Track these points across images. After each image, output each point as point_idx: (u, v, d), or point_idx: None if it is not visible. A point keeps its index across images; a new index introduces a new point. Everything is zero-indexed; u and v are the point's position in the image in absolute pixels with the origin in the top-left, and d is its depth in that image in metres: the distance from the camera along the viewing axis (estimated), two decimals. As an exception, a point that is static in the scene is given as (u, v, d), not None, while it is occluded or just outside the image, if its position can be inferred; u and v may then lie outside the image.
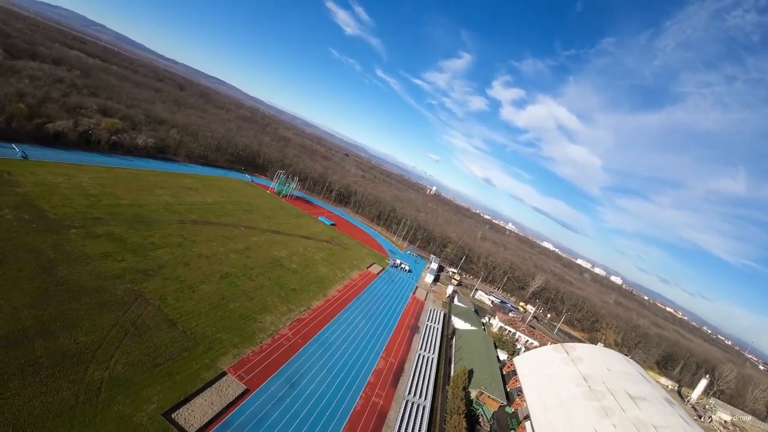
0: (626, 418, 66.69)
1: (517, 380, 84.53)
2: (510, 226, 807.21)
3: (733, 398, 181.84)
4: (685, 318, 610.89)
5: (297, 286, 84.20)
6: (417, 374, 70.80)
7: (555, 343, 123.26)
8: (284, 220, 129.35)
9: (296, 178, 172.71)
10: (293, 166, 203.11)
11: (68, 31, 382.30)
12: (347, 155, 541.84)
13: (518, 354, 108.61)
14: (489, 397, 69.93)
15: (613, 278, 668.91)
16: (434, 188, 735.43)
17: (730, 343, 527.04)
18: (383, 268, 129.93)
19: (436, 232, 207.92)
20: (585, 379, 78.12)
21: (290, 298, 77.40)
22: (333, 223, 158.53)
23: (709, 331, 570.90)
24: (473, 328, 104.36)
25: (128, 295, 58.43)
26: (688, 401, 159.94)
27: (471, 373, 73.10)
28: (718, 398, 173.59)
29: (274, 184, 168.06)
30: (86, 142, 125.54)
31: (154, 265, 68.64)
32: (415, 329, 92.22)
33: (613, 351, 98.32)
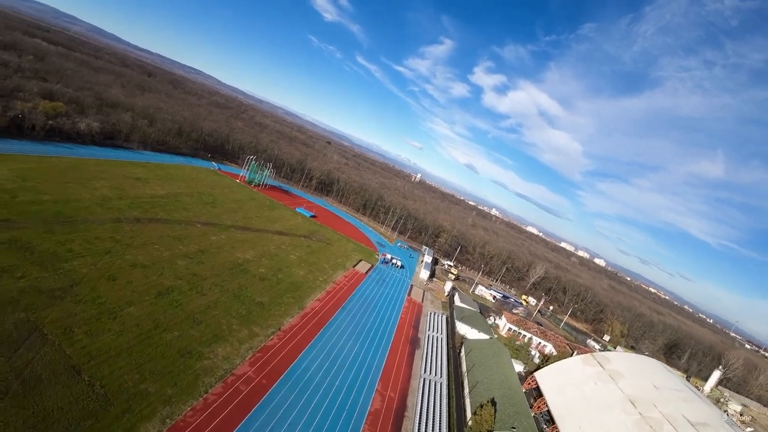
0: (698, 460, 51.43)
1: (543, 403, 68.78)
2: (494, 212, 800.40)
3: (740, 385, 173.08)
4: (667, 298, 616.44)
5: (265, 298, 65.81)
6: (424, 412, 53.84)
7: (571, 344, 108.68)
8: (254, 214, 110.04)
9: (270, 165, 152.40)
10: (268, 151, 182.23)
11: (33, 21, 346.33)
12: (329, 143, 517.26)
13: (533, 361, 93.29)
14: (520, 439, 53.58)
15: (596, 261, 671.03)
16: (419, 175, 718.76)
17: (711, 321, 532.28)
18: (372, 266, 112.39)
19: (428, 221, 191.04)
20: (632, 403, 62.60)
21: (254, 317, 59.11)
22: (313, 214, 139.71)
23: (691, 310, 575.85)
24: (482, 335, 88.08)
25: (19, 329, 40.19)
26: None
27: (493, 404, 56.62)
28: (725, 386, 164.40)
29: (244, 173, 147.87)
30: (18, 129, 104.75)
31: (65, 281, 49.71)
32: (415, 342, 75.28)
33: (650, 359, 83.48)
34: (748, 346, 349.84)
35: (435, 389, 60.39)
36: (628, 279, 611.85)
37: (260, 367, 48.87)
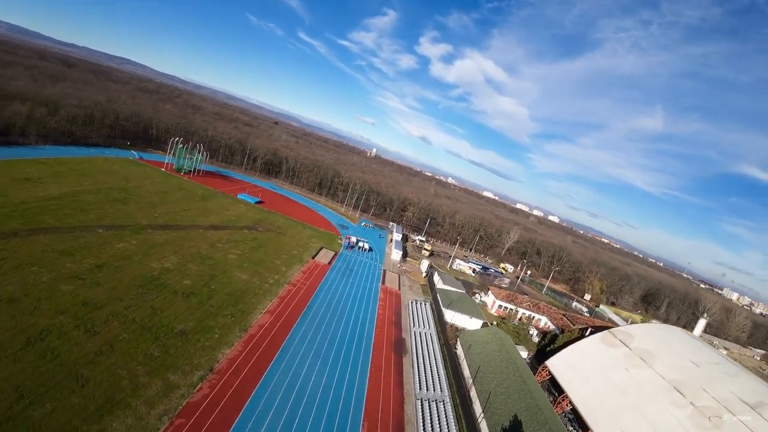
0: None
1: (566, 401, 55.82)
2: (451, 181, 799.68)
3: (719, 329, 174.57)
4: (619, 246, 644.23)
5: (189, 323, 46.84)
6: (431, 456, 38.44)
7: (567, 314, 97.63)
8: (181, 207, 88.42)
9: (201, 147, 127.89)
10: (200, 132, 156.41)
11: None
12: (277, 123, 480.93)
13: (532, 340, 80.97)
14: (564, 474, 39.65)
15: (550, 218, 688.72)
16: (374, 150, 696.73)
17: (662, 265, 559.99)
18: (336, 253, 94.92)
19: (391, 195, 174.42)
20: (679, 391, 50.42)
21: (173, 358, 40.41)
22: (259, 200, 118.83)
23: (641, 256, 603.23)
24: (475, 321, 74.30)
25: None
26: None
27: (517, 424, 42.30)
28: (706, 332, 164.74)
29: (170, 159, 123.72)
30: None
31: None
32: (400, 347, 59.48)
33: (670, 327, 73.16)
34: (702, 286, 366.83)
35: (438, 413, 45.07)
36: (581, 232, 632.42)
37: (177, 445, 30.92)
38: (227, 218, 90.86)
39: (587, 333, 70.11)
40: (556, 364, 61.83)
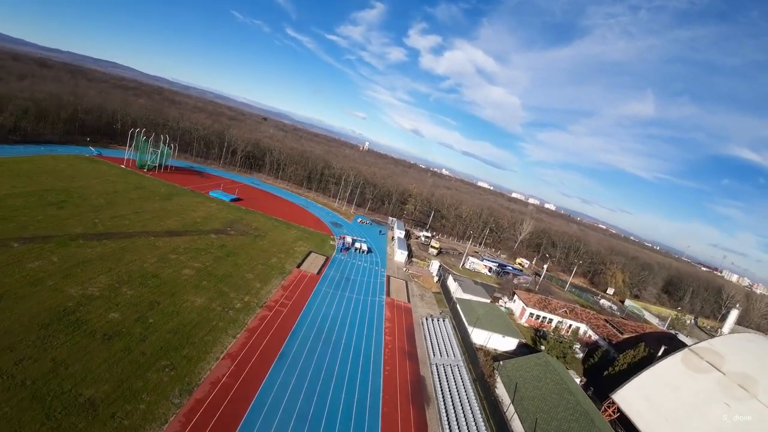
0: None
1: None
2: (444, 172, 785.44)
3: (743, 317, 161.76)
4: (615, 232, 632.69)
5: (103, 387, 29.97)
6: None
7: (611, 319, 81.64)
8: (133, 209, 71.17)
9: (166, 138, 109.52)
10: (170, 124, 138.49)
11: None
12: (265, 119, 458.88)
13: (576, 356, 65.10)
14: None
15: (547, 206, 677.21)
16: (367, 144, 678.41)
17: (659, 249, 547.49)
18: (328, 258, 78.35)
19: (389, 186, 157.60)
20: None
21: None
22: (236, 197, 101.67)
23: (637, 241, 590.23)
24: (510, 341, 58.45)
25: None
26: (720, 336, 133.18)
27: None
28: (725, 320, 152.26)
29: (131, 154, 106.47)
30: None
31: None
32: (420, 393, 43.22)
33: (754, 336, 57.85)
34: (704, 269, 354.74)
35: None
36: (579, 219, 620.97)
37: None
38: (191, 221, 73.63)
39: (660, 353, 54.25)
40: (628, 399, 45.91)
